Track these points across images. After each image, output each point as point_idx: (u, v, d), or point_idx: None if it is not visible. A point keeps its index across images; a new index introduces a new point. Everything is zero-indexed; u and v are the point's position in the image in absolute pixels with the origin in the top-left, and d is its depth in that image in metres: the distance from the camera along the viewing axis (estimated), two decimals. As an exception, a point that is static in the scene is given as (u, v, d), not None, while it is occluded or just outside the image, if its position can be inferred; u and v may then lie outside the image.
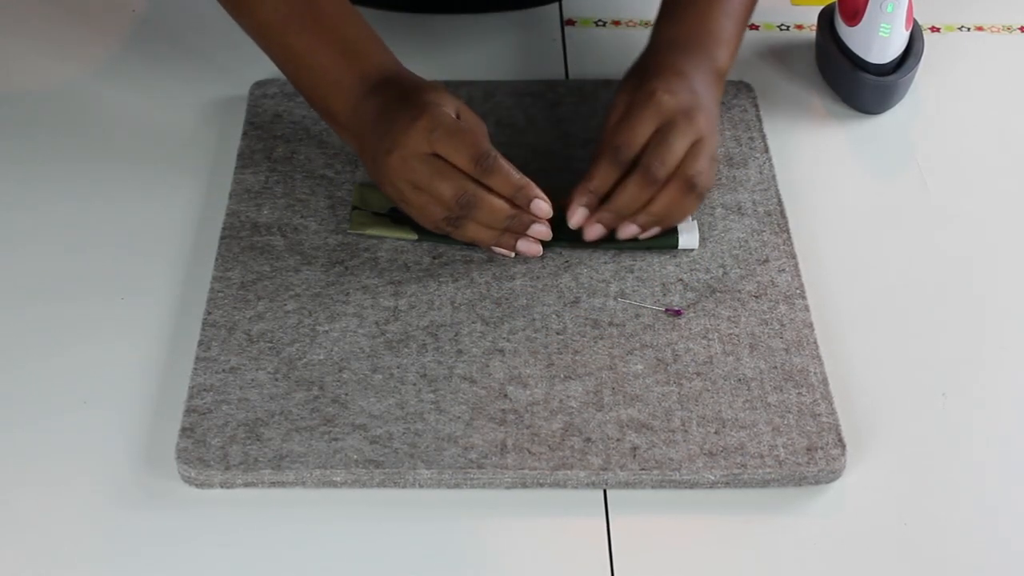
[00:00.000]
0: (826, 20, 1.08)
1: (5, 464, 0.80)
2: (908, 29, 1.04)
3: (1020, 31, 1.15)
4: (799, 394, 0.82)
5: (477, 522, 0.78)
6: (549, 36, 1.14)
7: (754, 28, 1.14)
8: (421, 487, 0.78)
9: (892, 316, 0.90)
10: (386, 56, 0.92)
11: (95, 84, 1.07)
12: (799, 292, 0.89)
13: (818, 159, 1.02)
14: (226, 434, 0.79)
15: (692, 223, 0.92)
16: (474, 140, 0.85)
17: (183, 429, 0.80)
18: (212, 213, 0.95)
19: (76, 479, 0.79)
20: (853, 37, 1.04)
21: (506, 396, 0.82)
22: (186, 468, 0.78)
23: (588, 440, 0.80)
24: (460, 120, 0.86)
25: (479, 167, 0.85)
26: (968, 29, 1.15)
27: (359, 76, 0.90)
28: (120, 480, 0.79)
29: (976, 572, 0.76)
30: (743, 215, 0.95)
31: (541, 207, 0.87)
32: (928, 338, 0.88)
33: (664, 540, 0.78)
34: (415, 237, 0.91)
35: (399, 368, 0.83)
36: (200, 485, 0.78)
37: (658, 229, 0.90)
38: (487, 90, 1.05)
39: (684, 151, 0.88)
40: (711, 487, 0.79)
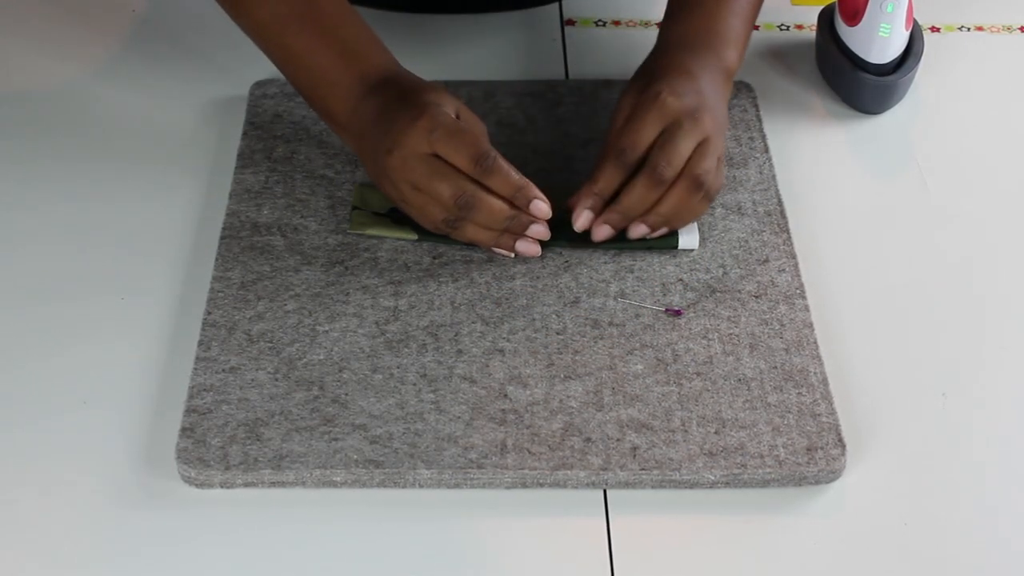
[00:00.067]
0: (826, 20, 1.08)
1: (5, 464, 0.80)
2: (908, 29, 1.04)
3: (1020, 31, 1.15)
4: (799, 394, 0.82)
5: (477, 522, 0.78)
6: (549, 36, 1.14)
7: (754, 28, 1.14)
8: (421, 487, 0.78)
9: (892, 316, 0.90)
10: (385, 56, 0.92)
11: (95, 84, 1.07)
12: (799, 292, 0.89)
13: (818, 159, 1.02)
14: (226, 434, 0.79)
15: (692, 223, 0.92)
16: (474, 141, 0.85)
17: (183, 429, 0.80)
18: (212, 213, 0.95)
19: (76, 479, 0.79)
20: (853, 37, 1.04)
21: (506, 396, 0.82)
22: (186, 468, 0.78)
23: (588, 440, 0.80)
24: (460, 120, 0.87)
25: (479, 167, 0.85)
26: (968, 29, 1.15)
27: (358, 76, 0.90)
28: (120, 480, 0.79)
29: (976, 572, 0.76)
30: (743, 215, 0.95)
31: (540, 208, 0.87)
32: (928, 338, 0.88)
33: (664, 540, 0.78)
34: (415, 237, 0.91)
35: (399, 368, 0.83)
36: (200, 485, 0.78)
37: (666, 229, 0.90)
38: (487, 90, 1.05)
39: (690, 151, 0.88)
40: (711, 487, 0.79)
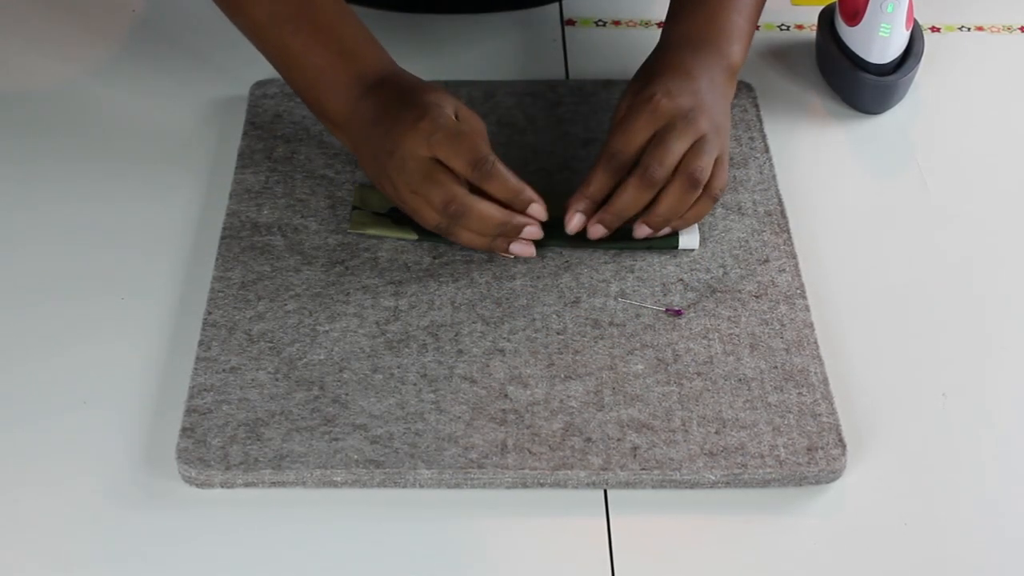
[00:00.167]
0: (826, 20, 1.08)
1: (5, 464, 0.80)
2: (908, 29, 1.04)
3: (1020, 31, 1.15)
4: (799, 394, 0.82)
5: (477, 522, 0.78)
6: (549, 36, 1.14)
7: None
8: (421, 487, 0.78)
9: (892, 316, 0.90)
10: (382, 56, 0.92)
11: (95, 84, 1.07)
12: (799, 292, 0.89)
13: (818, 159, 1.02)
14: (226, 434, 0.79)
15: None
16: (473, 145, 0.85)
17: (183, 429, 0.80)
18: (212, 213, 0.95)
19: (76, 479, 0.79)
20: (853, 37, 1.04)
21: (506, 396, 0.82)
22: (186, 468, 0.78)
23: (588, 440, 0.80)
24: (459, 121, 0.86)
25: (476, 172, 0.85)
26: (968, 29, 1.15)
27: (355, 76, 0.90)
28: (120, 480, 0.79)
29: (976, 572, 0.76)
30: (743, 215, 0.95)
31: (537, 211, 0.87)
32: (928, 338, 0.88)
33: (664, 540, 0.78)
34: (415, 237, 0.91)
35: (399, 368, 0.83)
36: (200, 485, 0.78)
37: (668, 229, 0.90)
38: (487, 90, 1.05)
39: (683, 151, 0.88)
40: (711, 487, 0.79)
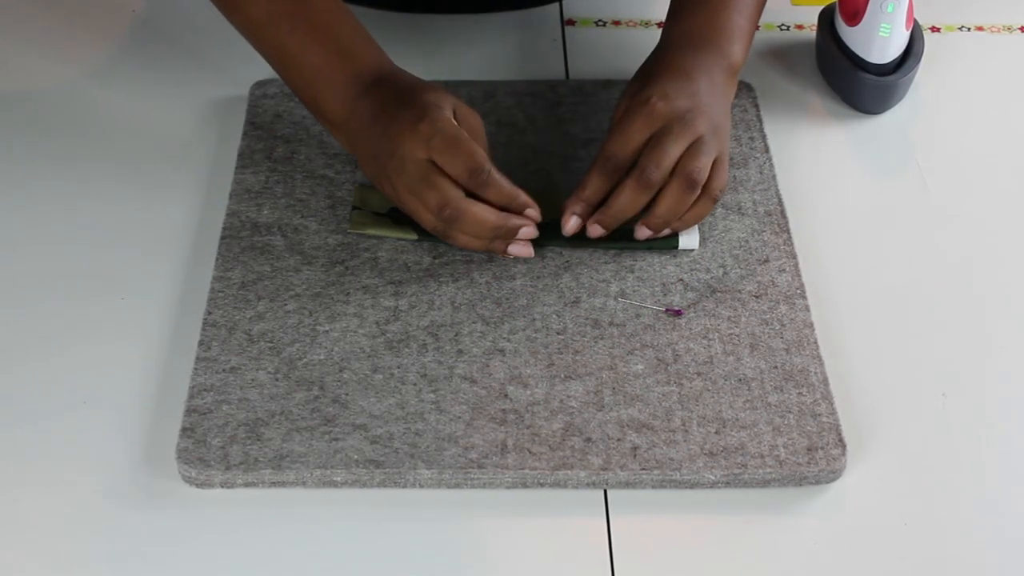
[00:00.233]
0: (826, 20, 1.08)
1: (5, 464, 0.80)
2: (908, 29, 1.04)
3: (1020, 31, 1.15)
4: (799, 394, 0.82)
5: (477, 522, 0.78)
6: (549, 36, 1.14)
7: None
8: (421, 487, 0.78)
9: (892, 316, 0.90)
10: (379, 54, 0.91)
11: (95, 84, 1.07)
12: (799, 292, 0.89)
13: (818, 159, 1.02)
14: (226, 434, 0.79)
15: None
16: (471, 153, 0.85)
17: (183, 429, 0.80)
18: (212, 213, 0.95)
19: (76, 479, 0.79)
20: (853, 37, 1.04)
21: (506, 396, 0.82)
22: (186, 468, 0.78)
23: (588, 440, 0.80)
24: (458, 120, 0.86)
25: (473, 180, 0.85)
26: (968, 29, 1.15)
27: (353, 75, 0.89)
28: (120, 480, 0.79)
29: (976, 572, 0.76)
30: (743, 215, 0.95)
31: (532, 215, 0.88)
32: (928, 338, 0.88)
33: (664, 540, 0.78)
34: (415, 237, 0.91)
35: (399, 368, 0.83)
36: (200, 485, 0.78)
37: (668, 231, 0.90)
38: (487, 90, 1.05)
39: (679, 153, 0.87)
40: (711, 487, 0.79)
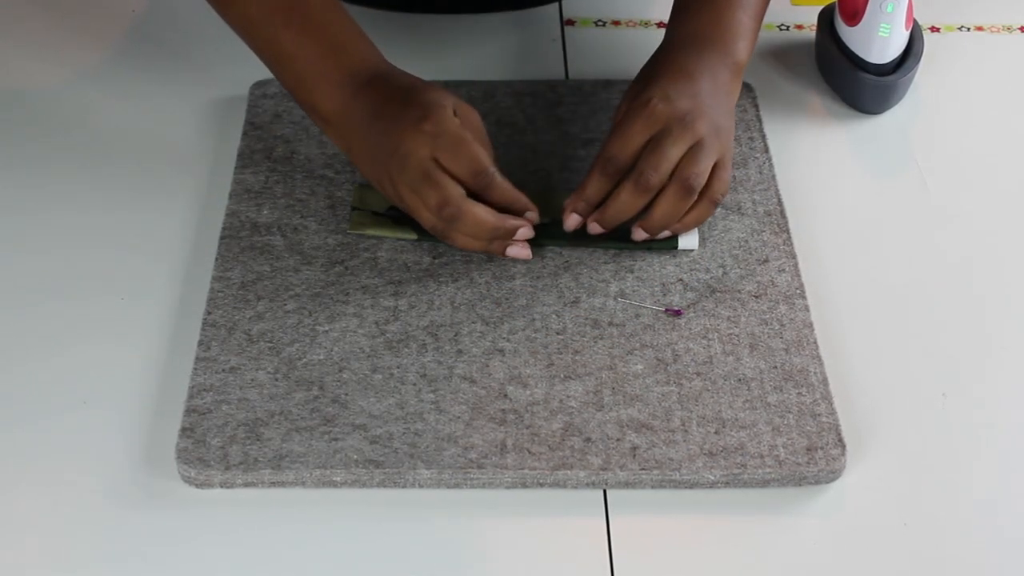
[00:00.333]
0: (826, 20, 1.08)
1: (5, 464, 0.80)
2: (908, 29, 1.04)
3: (1020, 31, 1.15)
4: (799, 394, 0.82)
5: (477, 522, 0.78)
6: (549, 36, 1.14)
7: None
8: (421, 487, 0.78)
9: (892, 316, 0.90)
10: (373, 52, 0.91)
11: (95, 85, 1.07)
12: (799, 292, 0.89)
13: (818, 159, 1.02)
14: (226, 434, 0.79)
15: (692, 224, 0.92)
16: (476, 154, 0.85)
17: (183, 429, 0.80)
18: (212, 213, 0.95)
19: (76, 479, 0.79)
20: (853, 37, 1.04)
21: (506, 396, 0.82)
22: (186, 468, 0.78)
23: (588, 440, 0.80)
24: (459, 119, 0.86)
25: (477, 182, 0.85)
26: (968, 29, 1.15)
27: (347, 71, 0.89)
28: (120, 480, 0.79)
29: (976, 572, 0.76)
30: (743, 215, 0.95)
31: (531, 217, 0.88)
32: (928, 338, 0.88)
33: (664, 540, 0.78)
34: (415, 237, 0.91)
35: (399, 368, 0.83)
36: (200, 485, 0.78)
37: (668, 233, 0.90)
38: (487, 90, 1.05)
39: (678, 156, 0.87)
40: (711, 487, 0.79)
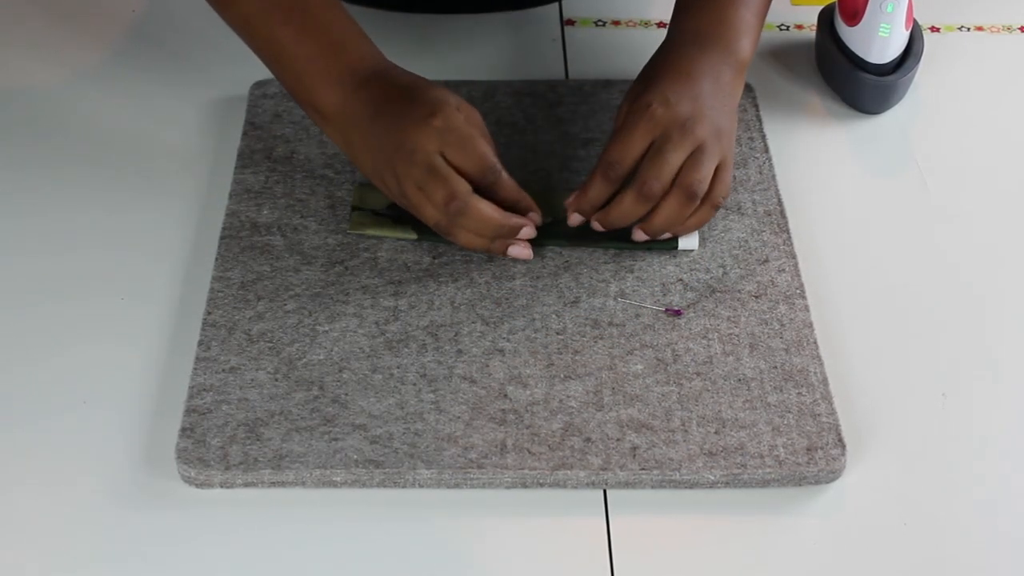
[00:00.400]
0: (826, 20, 1.08)
1: (5, 464, 0.80)
2: (908, 29, 1.04)
3: (1020, 31, 1.15)
4: (799, 394, 0.82)
5: (477, 522, 0.78)
6: (549, 36, 1.14)
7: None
8: (421, 487, 0.78)
9: (892, 316, 0.90)
10: (373, 50, 0.91)
11: (94, 85, 1.07)
12: (799, 292, 0.89)
13: (818, 159, 1.02)
14: (226, 434, 0.79)
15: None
16: (483, 151, 0.85)
17: (183, 429, 0.80)
18: (212, 213, 0.95)
19: (76, 479, 0.79)
20: (853, 37, 1.04)
21: (506, 396, 0.82)
22: (186, 468, 0.78)
23: (588, 440, 0.80)
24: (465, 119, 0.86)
25: (484, 178, 0.85)
26: (968, 29, 1.15)
27: (347, 68, 0.88)
28: (120, 480, 0.79)
29: (976, 572, 0.76)
30: (743, 215, 0.95)
31: (534, 219, 0.88)
32: (928, 338, 0.88)
33: (664, 540, 0.78)
34: (415, 237, 0.91)
35: (399, 368, 0.83)
36: (200, 485, 0.78)
37: (668, 234, 0.90)
38: (487, 90, 1.05)
39: (679, 163, 0.87)
40: (711, 487, 0.79)
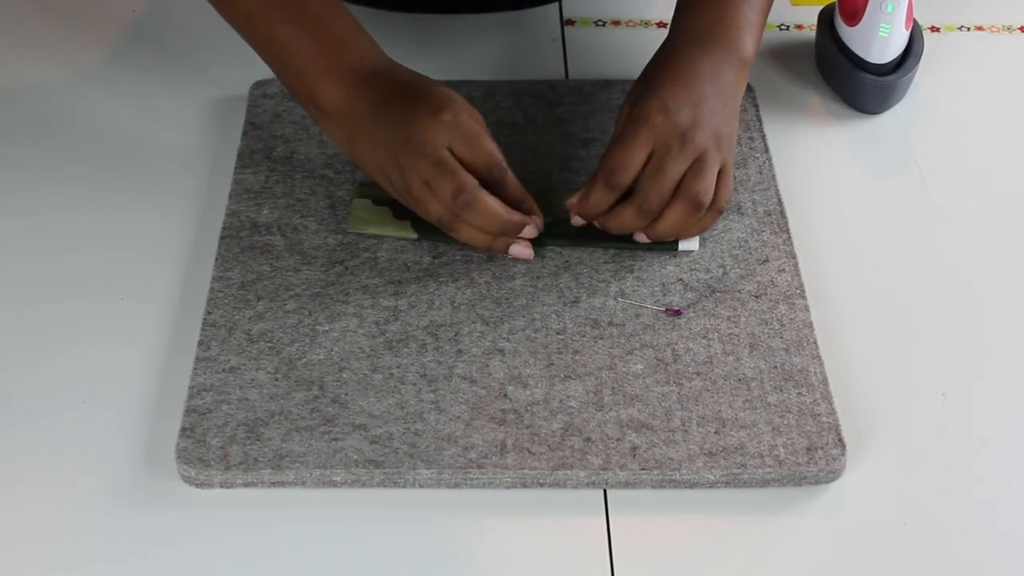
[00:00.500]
0: (826, 20, 1.08)
1: (5, 464, 0.80)
2: (908, 29, 1.04)
3: (1020, 31, 1.15)
4: (799, 394, 0.82)
5: (477, 522, 0.78)
6: (549, 36, 1.14)
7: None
8: (421, 487, 0.78)
9: (892, 316, 0.90)
10: (374, 47, 0.91)
11: (95, 84, 1.07)
12: (799, 292, 0.89)
13: (818, 159, 1.02)
14: (226, 434, 0.79)
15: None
16: (491, 148, 0.85)
17: (183, 429, 0.80)
18: (212, 213, 0.95)
19: (76, 479, 0.79)
20: (853, 37, 1.04)
21: (506, 396, 0.82)
22: (186, 468, 0.78)
23: (588, 440, 0.80)
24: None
25: (490, 175, 0.85)
26: (968, 29, 1.15)
27: (348, 64, 0.88)
28: (120, 480, 0.79)
29: (976, 572, 0.76)
30: (743, 215, 0.95)
31: (536, 221, 0.88)
32: (928, 338, 0.88)
33: (664, 540, 0.78)
34: (415, 236, 0.91)
35: (399, 368, 0.83)
36: (200, 485, 0.78)
37: (673, 237, 0.90)
38: (487, 90, 1.05)
39: (680, 173, 0.87)
40: (711, 487, 0.79)
